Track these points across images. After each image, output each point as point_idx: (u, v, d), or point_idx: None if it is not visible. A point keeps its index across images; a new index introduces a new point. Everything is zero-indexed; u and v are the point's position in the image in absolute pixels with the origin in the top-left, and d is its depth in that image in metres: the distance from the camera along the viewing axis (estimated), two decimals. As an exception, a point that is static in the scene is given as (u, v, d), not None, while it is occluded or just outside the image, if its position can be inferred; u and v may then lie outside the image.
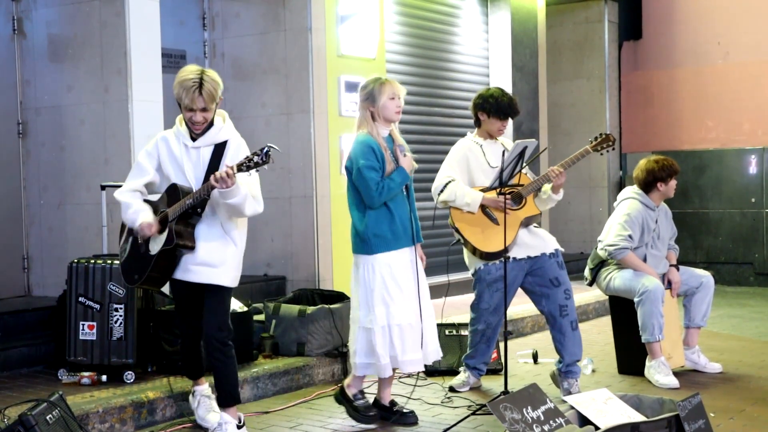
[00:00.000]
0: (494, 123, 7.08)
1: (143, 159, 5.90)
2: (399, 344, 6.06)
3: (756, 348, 9.06)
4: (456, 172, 6.96)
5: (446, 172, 6.98)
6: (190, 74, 5.55)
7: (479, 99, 7.15)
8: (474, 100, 7.19)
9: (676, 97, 14.40)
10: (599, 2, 14.37)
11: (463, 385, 7.20)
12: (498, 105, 7.04)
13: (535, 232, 7.14)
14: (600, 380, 7.46)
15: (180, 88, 5.54)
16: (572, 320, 7.09)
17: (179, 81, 5.58)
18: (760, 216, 13.83)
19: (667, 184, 7.88)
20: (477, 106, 7.13)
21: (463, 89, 11.90)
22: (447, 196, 6.88)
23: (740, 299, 12.39)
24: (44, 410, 5.16)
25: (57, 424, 5.20)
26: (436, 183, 6.96)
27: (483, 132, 7.16)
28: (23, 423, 5.02)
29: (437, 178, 6.99)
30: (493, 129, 7.11)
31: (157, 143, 5.86)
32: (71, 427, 5.37)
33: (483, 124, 7.13)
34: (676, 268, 7.94)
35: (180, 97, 5.57)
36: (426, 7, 11.46)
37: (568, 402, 5.84)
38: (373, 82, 6.20)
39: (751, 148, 13.89)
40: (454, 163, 7.04)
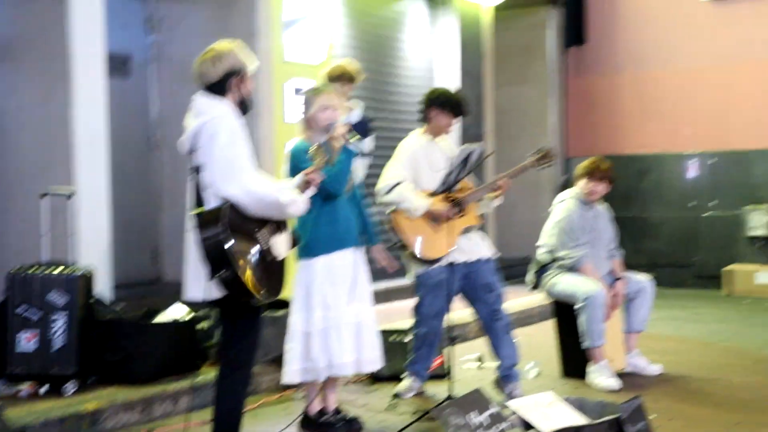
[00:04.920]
0: (444, 118, 7.12)
1: None
2: (337, 347, 6.00)
3: (695, 349, 9.22)
4: (405, 172, 6.96)
5: (394, 171, 6.98)
6: None
7: (434, 93, 7.23)
8: (427, 95, 7.24)
9: (618, 102, 14.55)
10: (544, 8, 14.51)
11: (407, 390, 7.17)
12: (453, 100, 7.14)
13: (472, 238, 7.16)
14: (544, 383, 7.46)
15: None
16: (505, 324, 7.15)
17: None
18: (698, 220, 14.04)
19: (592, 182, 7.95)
20: (431, 100, 7.15)
21: (410, 93, 11.89)
22: (393, 198, 6.89)
23: (680, 301, 12.52)
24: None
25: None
26: (382, 182, 6.96)
27: (431, 130, 7.18)
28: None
29: (384, 177, 6.99)
30: (442, 125, 7.14)
31: None
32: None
33: (433, 119, 7.13)
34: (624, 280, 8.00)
35: None
36: (372, 12, 11.46)
37: (512, 406, 5.86)
38: (310, 91, 6.19)
39: (691, 152, 14.09)
40: (402, 162, 7.04)
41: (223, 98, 5.03)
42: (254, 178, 4.90)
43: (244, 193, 4.83)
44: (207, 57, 5.07)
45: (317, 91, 6.15)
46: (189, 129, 5.00)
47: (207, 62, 5.05)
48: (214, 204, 4.86)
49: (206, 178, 4.89)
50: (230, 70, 5.04)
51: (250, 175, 4.89)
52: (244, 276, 4.80)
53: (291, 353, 6.08)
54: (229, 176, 4.83)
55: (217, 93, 5.03)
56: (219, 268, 4.78)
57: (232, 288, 4.83)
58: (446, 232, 6.89)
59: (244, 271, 4.80)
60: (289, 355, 6.10)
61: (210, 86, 5.04)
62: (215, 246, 4.76)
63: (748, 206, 13.56)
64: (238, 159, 4.87)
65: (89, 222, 7.66)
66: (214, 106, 4.98)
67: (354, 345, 6.07)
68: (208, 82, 5.04)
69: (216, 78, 5.02)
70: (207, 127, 4.90)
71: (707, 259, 13.91)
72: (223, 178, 4.83)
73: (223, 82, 5.03)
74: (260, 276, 4.90)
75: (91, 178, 7.73)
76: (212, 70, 5.03)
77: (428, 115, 7.16)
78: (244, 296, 4.88)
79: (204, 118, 4.94)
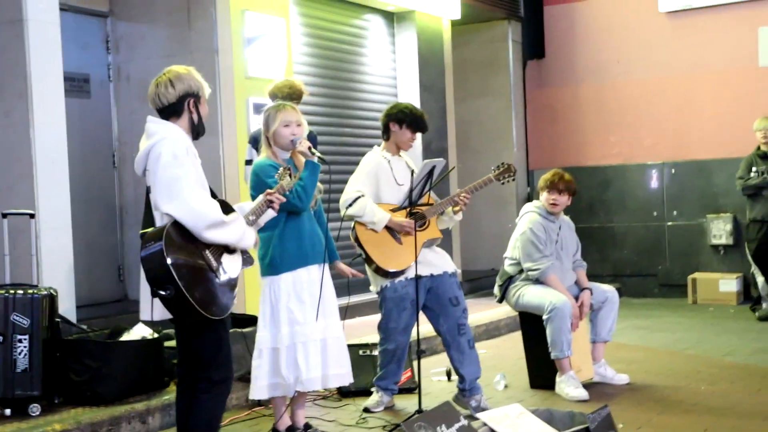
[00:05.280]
0: (405, 134, 7.16)
1: None
2: (303, 363, 6.00)
3: (661, 358, 9.25)
4: (365, 186, 6.99)
5: (356, 186, 7.01)
6: None
7: (394, 109, 7.25)
8: (387, 111, 7.27)
9: (579, 113, 14.63)
10: (503, 22, 14.56)
11: (377, 405, 7.16)
12: (412, 116, 7.16)
13: (437, 251, 7.22)
14: (512, 395, 7.50)
15: None
16: (469, 339, 7.16)
17: None
18: (662, 229, 14.10)
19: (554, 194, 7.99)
20: (391, 116, 7.19)
21: (372, 108, 11.92)
22: (355, 211, 6.91)
23: (645, 310, 12.62)
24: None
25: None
26: (345, 196, 6.99)
27: (391, 145, 7.21)
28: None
29: (346, 191, 7.02)
30: (403, 140, 7.18)
31: None
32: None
33: (393, 135, 7.17)
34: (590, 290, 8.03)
35: None
36: (333, 27, 11.48)
37: (481, 419, 5.89)
38: (270, 108, 6.20)
39: (652, 163, 14.16)
40: (363, 177, 7.06)
41: (177, 120, 5.02)
42: (198, 197, 4.85)
43: (186, 212, 4.79)
44: (163, 79, 5.04)
45: (278, 108, 6.13)
46: (141, 150, 4.97)
47: (164, 84, 5.01)
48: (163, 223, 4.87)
49: (153, 198, 4.90)
50: (187, 92, 5.03)
51: (194, 194, 4.83)
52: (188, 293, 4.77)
53: (259, 369, 6.09)
54: (171, 195, 4.81)
55: (172, 114, 5.02)
56: (161, 286, 4.76)
57: (176, 306, 4.80)
58: (409, 246, 6.90)
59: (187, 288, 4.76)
60: (257, 371, 6.10)
61: (165, 108, 5.02)
62: (157, 263, 4.74)
63: (710, 215, 13.66)
64: (181, 179, 4.83)
65: (52, 242, 7.59)
66: (165, 128, 4.97)
67: (322, 360, 6.07)
68: (165, 103, 5.01)
69: (174, 99, 5.00)
70: (155, 149, 4.89)
71: (671, 267, 13.98)
72: (166, 198, 4.81)
73: (179, 104, 5.01)
74: (209, 294, 4.88)
75: (52, 197, 7.66)
76: (170, 92, 5.00)
77: (389, 130, 7.19)
78: (190, 314, 4.84)
79: (154, 139, 4.92)
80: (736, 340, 10.17)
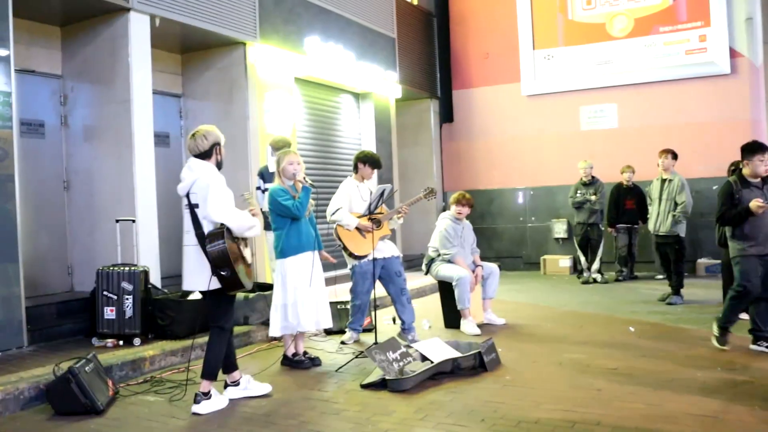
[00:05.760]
0: (368, 170, 7.18)
1: None
2: (303, 314, 6.01)
3: (525, 308, 9.23)
4: (343, 202, 7.00)
5: (337, 202, 7.02)
6: None
7: (361, 154, 7.26)
8: (357, 155, 7.27)
9: (474, 157, 14.59)
10: (428, 99, 14.54)
11: (349, 339, 7.20)
12: (373, 159, 7.20)
13: (387, 242, 7.23)
14: (434, 333, 7.50)
15: None
16: (407, 297, 7.18)
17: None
18: (524, 228, 14.12)
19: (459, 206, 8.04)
20: (359, 158, 7.20)
21: (345, 153, 11.89)
22: (337, 218, 6.94)
23: (515, 279, 12.60)
24: (84, 364, 5.13)
25: (92, 372, 5.17)
26: (330, 208, 7.02)
27: (359, 176, 7.20)
28: (71, 372, 4.97)
29: (331, 205, 7.05)
30: (366, 174, 7.19)
31: None
32: (101, 374, 5.32)
33: (360, 170, 7.18)
34: (481, 267, 8.08)
35: None
36: (321, 102, 11.45)
37: (414, 347, 5.93)
38: (280, 153, 6.16)
39: (519, 187, 14.16)
40: (342, 196, 7.06)
41: (209, 160, 4.99)
42: (237, 212, 4.89)
43: (231, 220, 4.84)
44: (200, 133, 4.99)
45: (285, 152, 6.11)
46: (187, 179, 4.92)
47: (200, 137, 4.97)
48: (210, 227, 4.85)
49: (202, 211, 4.85)
50: (215, 142, 5.01)
51: (235, 210, 4.89)
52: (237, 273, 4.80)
53: (274, 317, 6.10)
54: (222, 210, 4.83)
55: (206, 157, 4.97)
56: (222, 268, 4.80)
57: (228, 282, 4.82)
58: (370, 240, 6.95)
59: (236, 270, 4.79)
60: (273, 318, 6.12)
61: (201, 153, 4.97)
62: (221, 253, 4.75)
63: (553, 219, 13.73)
64: (226, 200, 4.87)
65: (145, 237, 7.58)
66: (204, 166, 4.93)
67: (314, 312, 6.07)
68: (202, 149, 4.96)
69: (207, 147, 4.97)
70: (202, 180, 4.86)
71: (531, 252, 13.99)
72: (220, 212, 4.82)
73: (210, 150, 4.98)
74: (243, 274, 4.88)
75: (145, 209, 7.64)
76: (205, 142, 4.97)
77: (357, 167, 7.22)
78: (235, 287, 4.84)
79: (198, 173, 4.89)
80: (569, 296, 10.22)
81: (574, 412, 4.58)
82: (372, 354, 5.47)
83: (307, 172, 7.85)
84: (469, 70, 14.67)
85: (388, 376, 5.32)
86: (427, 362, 5.67)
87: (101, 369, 5.36)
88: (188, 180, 4.92)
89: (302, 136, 10.81)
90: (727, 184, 6.36)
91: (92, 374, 5.10)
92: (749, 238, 6.17)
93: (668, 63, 12.84)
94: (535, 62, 13.88)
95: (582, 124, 13.56)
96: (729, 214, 6.25)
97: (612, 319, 8.20)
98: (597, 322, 8.00)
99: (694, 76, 12.63)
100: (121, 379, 5.80)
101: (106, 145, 7.79)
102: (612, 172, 12.29)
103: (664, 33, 12.90)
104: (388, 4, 12.95)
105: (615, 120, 13.31)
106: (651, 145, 12.04)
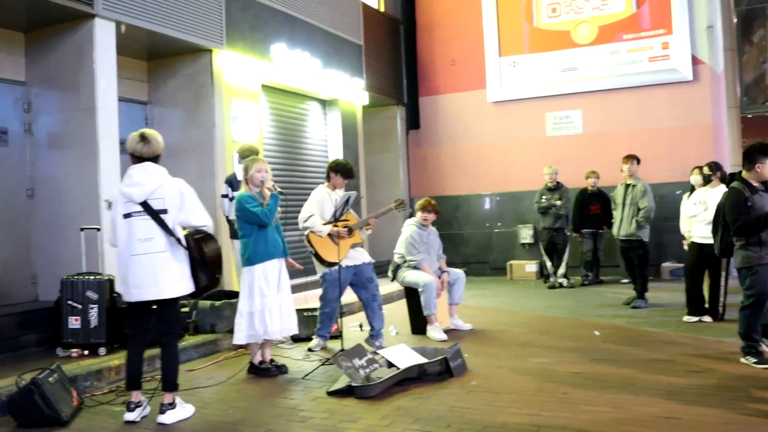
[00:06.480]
0: (339, 179, 7.21)
1: None
2: (269, 321, 5.99)
3: (492, 314, 9.27)
4: (315, 209, 7.02)
5: (309, 209, 7.03)
6: None
7: (334, 163, 7.28)
8: (330, 164, 7.30)
9: (441, 163, 14.68)
10: (394, 106, 14.60)
11: (316, 346, 7.18)
12: (345, 169, 7.22)
13: (359, 250, 7.24)
14: (401, 339, 7.52)
15: None
16: (379, 303, 7.21)
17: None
18: (491, 234, 14.22)
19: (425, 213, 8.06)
20: (332, 168, 7.23)
21: (313, 160, 11.90)
22: (309, 224, 6.96)
23: (482, 284, 12.66)
24: (48, 374, 5.05)
25: (56, 383, 5.08)
26: (302, 215, 7.02)
27: (331, 184, 7.23)
28: (34, 383, 4.89)
29: (303, 211, 7.05)
30: (338, 183, 7.22)
31: None
32: (66, 385, 5.23)
33: (332, 179, 7.21)
34: (447, 273, 8.11)
35: None
36: (287, 109, 11.44)
37: (381, 353, 5.94)
38: (248, 161, 6.13)
39: (486, 193, 14.28)
40: (314, 203, 7.08)
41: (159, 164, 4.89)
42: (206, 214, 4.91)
43: (210, 222, 4.88)
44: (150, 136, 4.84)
45: (254, 159, 6.09)
46: (147, 184, 4.75)
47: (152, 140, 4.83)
48: (179, 232, 4.82)
49: (175, 217, 4.78)
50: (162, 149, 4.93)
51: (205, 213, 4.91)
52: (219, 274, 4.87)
53: (240, 325, 6.06)
54: (206, 214, 4.86)
55: (158, 161, 4.86)
56: (217, 268, 4.83)
57: (215, 282, 4.89)
58: (341, 247, 6.95)
59: None
60: (238, 326, 6.08)
61: (156, 156, 4.86)
62: (218, 253, 4.83)
63: (519, 225, 13.85)
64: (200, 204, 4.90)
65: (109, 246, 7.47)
66: (164, 171, 4.85)
67: (280, 319, 6.05)
68: (158, 152, 4.85)
69: (161, 150, 4.88)
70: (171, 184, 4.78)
71: (497, 257, 14.07)
72: (204, 216, 4.85)
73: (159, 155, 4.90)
74: None
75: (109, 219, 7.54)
76: (159, 145, 4.87)
77: (330, 176, 7.24)
78: (214, 287, 4.91)
79: (161, 178, 4.78)
80: (535, 301, 10.28)
81: (540, 416, 4.62)
82: (338, 361, 5.48)
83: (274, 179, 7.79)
84: (436, 77, 14.75)
85: (355, 383, 5.32)
86: (394, 368, 5.67)
87: (65, 379, 5.29)
88: (150, 185, 4.78)
89: (269, 143, 10.78)
90: (736, 192, 5.93)
91: (56, 385, 5.03)
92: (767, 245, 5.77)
93: (632, 70, 13.04)
94: (500, 69, 14.00)
95: (547, 130, 13.70)
96: (750, 223, 5.75)
97: (578, 323, 8.28)
98: (563, 327, 8.06)
99: (657, 83, 12.84)
100: (86, 390, 5.71)
101: (71, 153, 7.70)
102: (577, 178, 12.43)
103: (627, 40, 13.10)
104: (355, 12, 12.98)
105: (580, 126, 13.47)
106: (615, 151, 12.21)
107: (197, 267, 4.84)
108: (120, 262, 4.87)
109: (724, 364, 5.94)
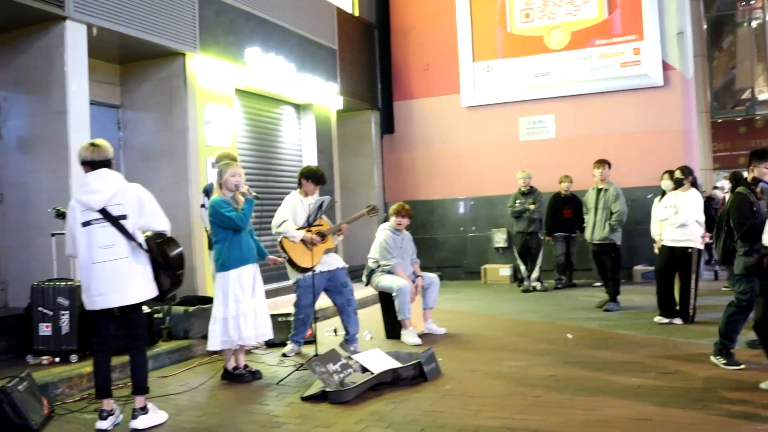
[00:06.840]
0: (311, 186, 7.20)
1: None
2: (243, 327, 5.98)
3: (465, 317, 9.32)
4: (288, 215, 7.01)
5: (282, 214, 7.02)
6: None
7: (305, 170, 7.27)
8: (301, 170, 7.29)
9: (415, 167, 14.70)
10: (369, 111, 14.60)
11: (291, 351, 7.17)
12: (316, 175, 7.21)
13: (332, 255, 7.24)
14: (375, 343, 7.51)
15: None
16: (354, 308, 7.22)
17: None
18: (465, 238, 14.26)
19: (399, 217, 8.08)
20: (303, 174, 7.22)
21: (287, 165, 11.88)
22: (282, 230, 6.94)
23: (456, 288, 12.69)
24: (17, 382, 4.97)
25: (26, 391, 5.01)
26: (275, 221, 7.01)
27: (303, 191, 7.22)
28: (3, 391, 4.81)
29: (275, 217, 7.03)
30: (309, 190, 7.22)
31: None
32: (36, 392, 5.18)
33: (304, 185, 7.20)
34: (422, 277, 8.13)
35: None
36: (261, 114, 11.42)
37: (355, 358, 5.94)
38: (222, 164, 6.12)
39: (460, 197, 14.32)
40: (287, 209, 7.07)
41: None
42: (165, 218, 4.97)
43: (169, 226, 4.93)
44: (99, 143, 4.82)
45: (227, 164, 6.09)
46: (106, 191, 4.71)
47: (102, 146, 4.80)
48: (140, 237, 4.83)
49: (135, 222, 4.77)
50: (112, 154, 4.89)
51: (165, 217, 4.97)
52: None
53: (214, 331, 6.03)
54: (165, 219, 4.92)
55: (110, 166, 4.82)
56: (180, 270, 4.84)
57: (179, 283, 4.91)
58: (314, 253, 6.93)
59: None
60: (212, 332, 6.05)
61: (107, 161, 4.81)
62: (181, 255, 4.86)
63: (493, 229, 13.91)
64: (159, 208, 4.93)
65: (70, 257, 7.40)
66: (119, 176, 4.84)
67: (254, 324, 6.04)
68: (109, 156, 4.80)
69: (111, 155, 4.83)
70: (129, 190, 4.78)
71: (472, 261, 14.11)
72: (165, 221, 4.90)
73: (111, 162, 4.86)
74: None
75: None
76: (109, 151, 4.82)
77: (301, 183, 7.23)
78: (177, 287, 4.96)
79: (118, 184, 4.76)
80: (509, 305, 10.33)
81: (514, 420, 4.66)
82: (312, 366, 5.48)
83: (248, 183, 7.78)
84: (410, 82, 14.79)
85: (329, 388, 5.33)
86: (368, 373, 5.68)
87: (36, 387, 5.23)
88: (108, 191, 4.74)
89: (243, 147, 10.75)
90: (742, 196, 5.77)
91: (26, 393, 4.97)
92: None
93: (604, 75, 13.17)
94: (474, 74, 14.07)
95: (521, 134, 13.79)
96: (756, 227, 5.56)
97: (551, 326, 8.34)
98: (536, 330, 8.12)
99: (628, 88, 12.99)
100: (57, 398, 5.64)
101: (42, 157, 7.63)
102: (550, 182, 12.52)
103: (599, 46, 13.24)
104: (329, 16, 12.99)
105: (553, 131, 13.57)
106: (588, 155, 12.31)
107: (159, 270, 4.86)
108: (82, 272, 4.80)
109: (694, 365, 6.02)
